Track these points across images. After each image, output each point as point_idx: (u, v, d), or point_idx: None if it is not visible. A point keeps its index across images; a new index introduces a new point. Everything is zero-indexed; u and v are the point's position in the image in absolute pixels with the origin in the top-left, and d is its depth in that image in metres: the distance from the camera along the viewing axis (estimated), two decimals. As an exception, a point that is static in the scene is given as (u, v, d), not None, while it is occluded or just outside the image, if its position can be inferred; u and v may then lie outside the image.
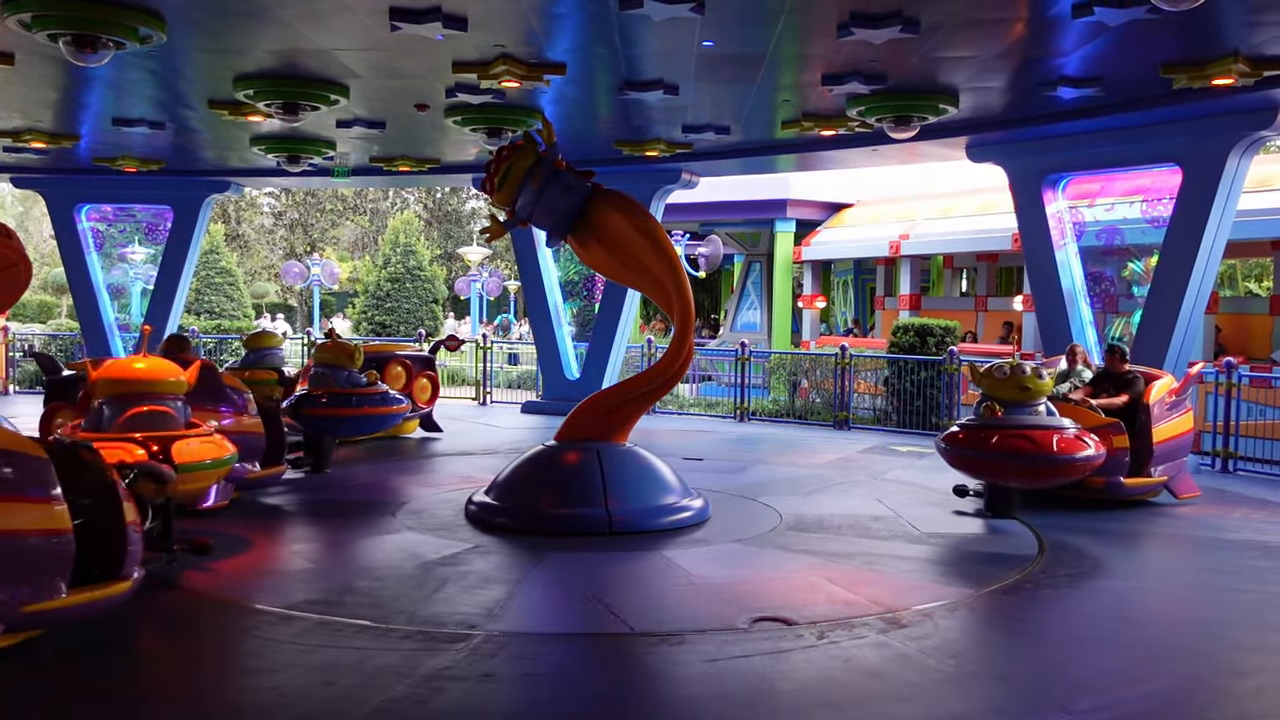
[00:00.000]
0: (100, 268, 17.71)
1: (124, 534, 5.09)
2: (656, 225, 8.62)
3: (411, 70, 9.49)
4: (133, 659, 5.20)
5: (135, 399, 6.76)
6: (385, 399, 10.81)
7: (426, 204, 49.44)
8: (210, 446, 6.91)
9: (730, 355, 17.33)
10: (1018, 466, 8.24)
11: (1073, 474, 8.29)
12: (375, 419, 10.89)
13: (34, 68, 9.47)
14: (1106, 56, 8.69)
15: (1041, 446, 8.09)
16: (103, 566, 5.04)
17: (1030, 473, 8.31)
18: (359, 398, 10.55)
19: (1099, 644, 5.53)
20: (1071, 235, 12.02)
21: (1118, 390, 9.35)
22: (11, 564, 4.61)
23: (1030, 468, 8.21)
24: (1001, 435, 8.24)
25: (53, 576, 4.75)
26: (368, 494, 9.37)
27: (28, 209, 50.03)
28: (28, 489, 4.70)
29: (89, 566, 4.96)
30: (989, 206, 19.55)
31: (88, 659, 5.10)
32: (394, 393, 11.17)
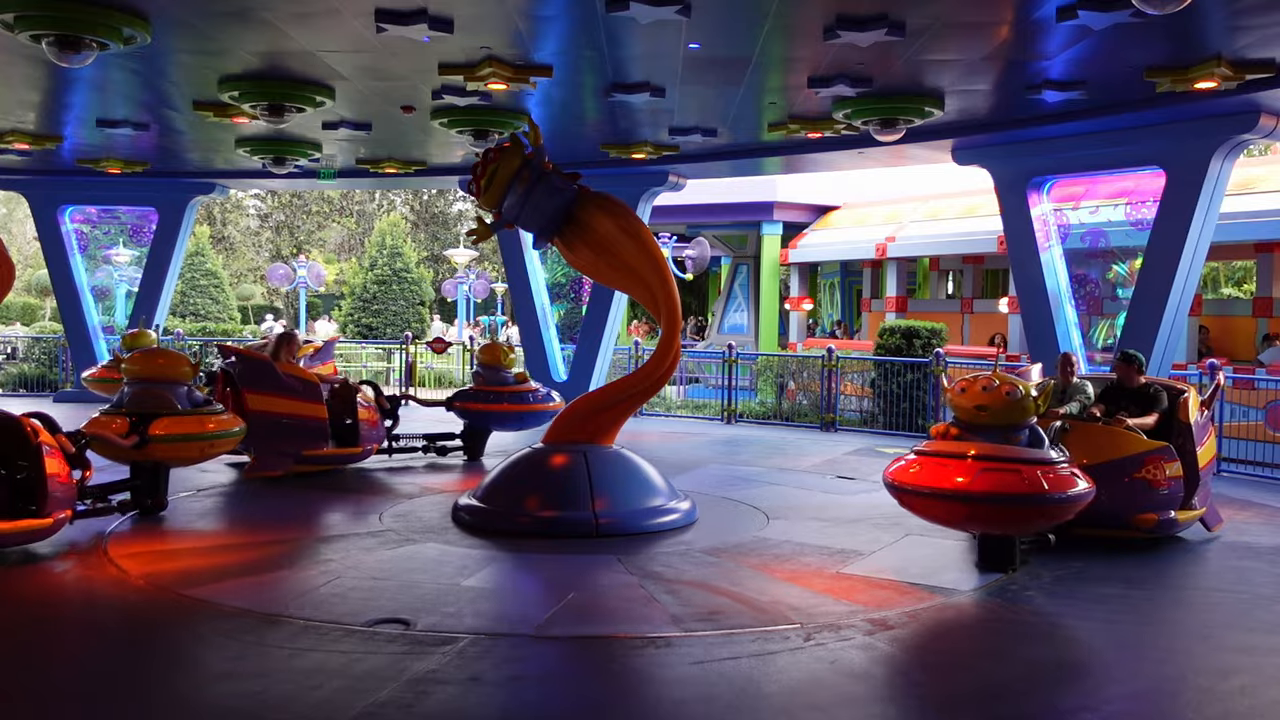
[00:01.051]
0: (84, 270, 17.62)
1: (45, 485, 6.66)
2: (643, 227, 8.62)
3: (398, 72, 9.47)
4: (116, 661, 5.17)
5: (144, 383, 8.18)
6: (537, 397, 11.50)
7: (413, 206, 49.33)
8: (193, 424, 8.13)
9: (717, 357, 17.35)
10: (999, 510, 6.37)
11: (1063, 517, 6.57)
12: (528, 415, 11.46)
13: (17, 68, 9.42)
14: (1090, 60, 8.74)
15: (1032, 484, 6.27)
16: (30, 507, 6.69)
17: (1014, 519, 6.49)
18: (513, 395, 11.36)
19: (1084, 644, 5.55)
20: (1056, 238, 12.08)
21: (1139, 408, 7.81)
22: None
23: (1014, 512, 6.38)
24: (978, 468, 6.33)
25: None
26: (353, 495, 9.34)
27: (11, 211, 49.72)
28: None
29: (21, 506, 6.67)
30: (975, 209, 19.64)
31: (71, 660, 5.07)
32: (545, 390, 11.75)
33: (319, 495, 9.33)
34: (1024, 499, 6.25)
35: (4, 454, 6.72)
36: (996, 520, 6.49)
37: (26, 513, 6.64)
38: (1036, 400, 6.59)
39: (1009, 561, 6.75)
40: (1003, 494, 6.22)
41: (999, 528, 6.63)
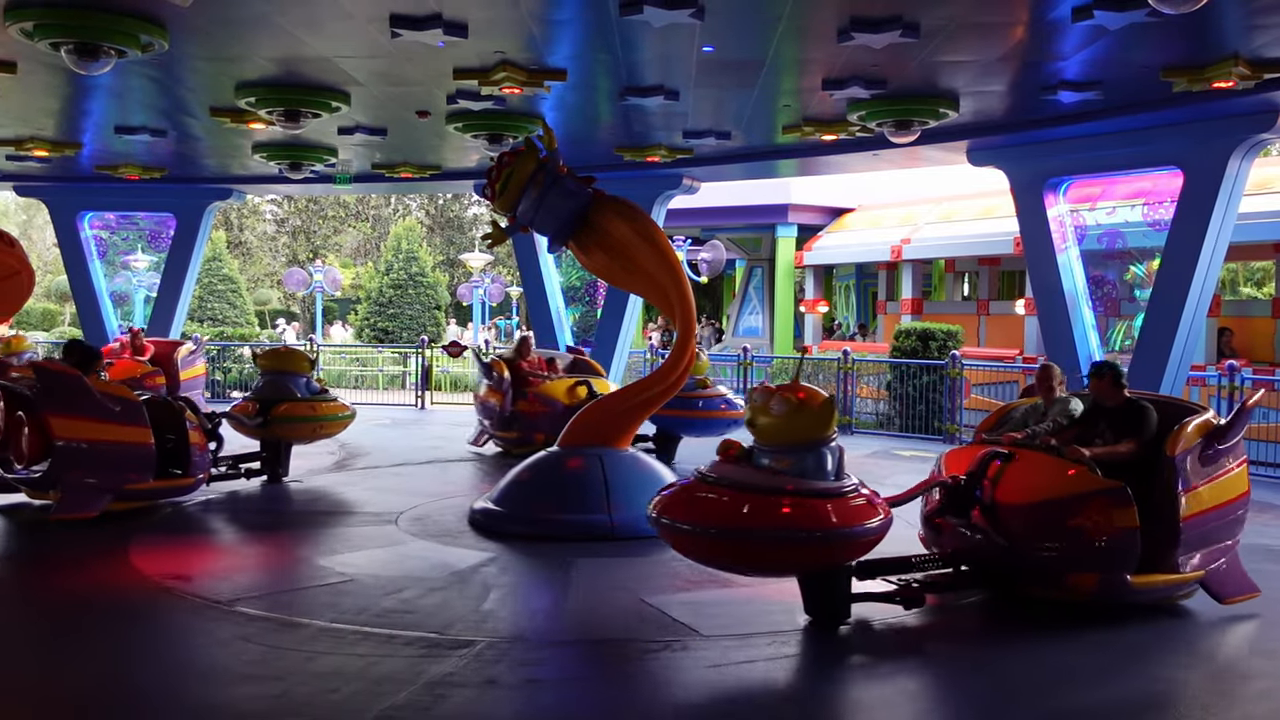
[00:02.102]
0: (103, 275, 17.74)
1: (189, 453, 8.50)
2: (658, 230, 8.63)
3: (413, 77, 9.51)
4: (136, 664, 5.20)
5: (273, 374, 10.19)
6: (727, 403, 11.49)
7: (428, 210, 49.48)
8: (306, 409, 10.08)
9: (733, 360, 17.33)
10: (760, 549, 5.31)
11: (843, 556, 5.49)
12: (719, 422, 11.31)
13: (36, 76, 9.50)
14: (1106, 60, 8.70)
15: (795, 518, 5.21)
16: (179, 469, 8.48)
17: (779, 558, 5.41)
18: (705, 400, 11.32)
19: (1096, 645, 5.52)
20: (1073, 239, 12.02)
21: (1116, 432, 6.23)
22: (122, 461, 8.00)
23: (778, 550, 5.30)
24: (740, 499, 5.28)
25: (144, 470, 8.12)
26: (370, 500, 9.37)
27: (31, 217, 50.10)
28: (132, 419, 8.06)
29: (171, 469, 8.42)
30: (990, 210, 19.56)
31: (92, 662, 5.11)
32: (733, 397, 11.75)
33: (335, 500, 9.36)
34: (782, 535, 5.21)
35: (159, 428, 8.27)
36: (762, 560, 5.44)
37: (174, 475, 8.45)
38: (817, 417, 5.48)
39: (836, 612, 5.64)
40: (757, 529, 5.19)
41: (770, 569, 5.63)
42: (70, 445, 7.77)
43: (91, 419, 7.87)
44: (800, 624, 5.66)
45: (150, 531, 7.91)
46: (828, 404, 5.55)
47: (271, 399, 9.89)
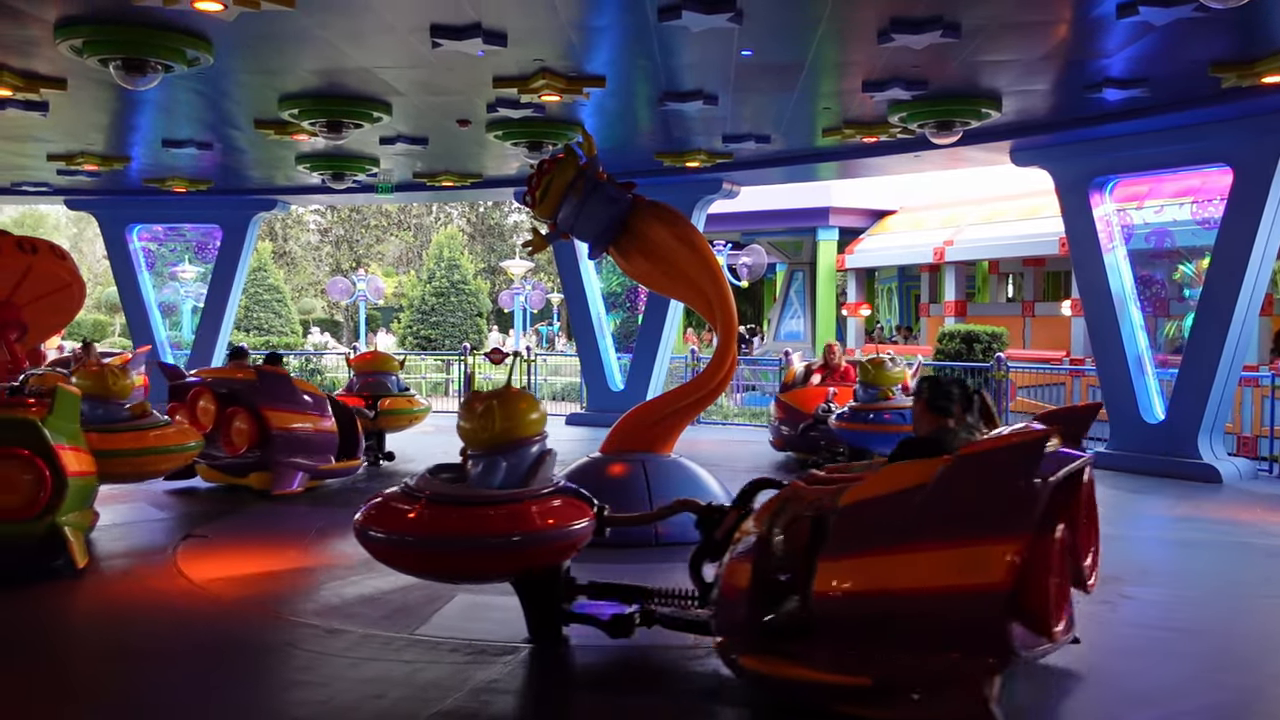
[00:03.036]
0: (152, 286, 18.05)
1: (359, 441, 10.42)
2: (698, 235, 8.61)
3: (453, 86, 9.58)
4: (181, 670, 5.26)
5: (370, 374, 12.25)
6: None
7: (470, 218, 49.83)
8: (406, 403, 12.11)
9: (774, 365, 17.25)
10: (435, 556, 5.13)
11: (516, 564, 5.19)
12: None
13: (86, 92, 9.68)
14: (1153, 56, 8.56)
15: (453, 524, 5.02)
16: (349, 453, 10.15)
17: (451, 565, 5.22)
18: (895, 414, 10.34)
19: (1152, 655, 5.42)
20: (1120, 238, 11.84)
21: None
22: (318, 446, 9.80)
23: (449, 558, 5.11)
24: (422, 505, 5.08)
25: (327, 453, 9.91)
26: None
27: (81, 230, 51.14)
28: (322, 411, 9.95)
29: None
30: (1035, 210, 19.34)
31: (136, 669, 5.18)
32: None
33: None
34: (444, 541, 5.02)
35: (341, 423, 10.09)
36: (439, 567, 5.28)
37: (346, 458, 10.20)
38: (506, 420, 5.25)
39: (549, 628, 5.47)
40: (428, 537, 5.03)
41: (445, 575, 5.56)
42: (283, 433, 9.53)
43: (297, 411, 9.69)
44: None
45: (198, 537, 8.02)
46: (514, 408, 5.33)
47: (376, 395, 11.81)
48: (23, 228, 45.04)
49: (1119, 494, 10.10)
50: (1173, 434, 11.11)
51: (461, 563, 5.13)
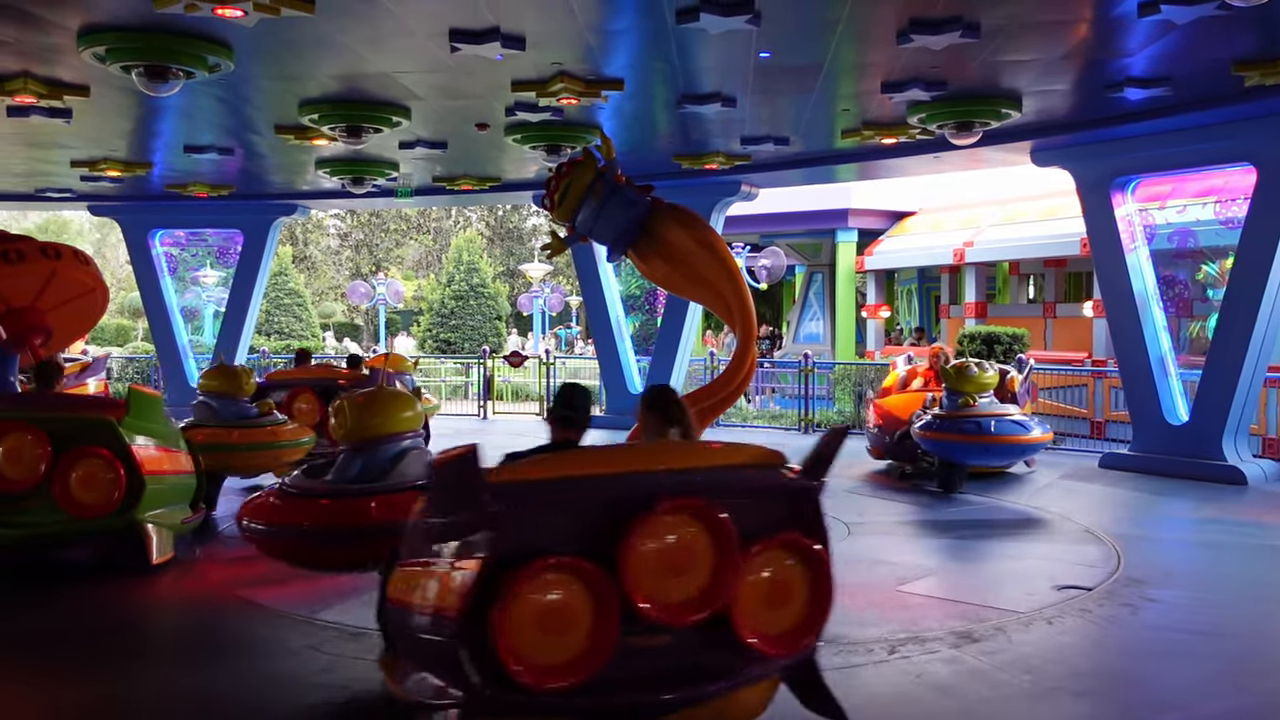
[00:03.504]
0: (174, 291, 18.18)
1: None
2: (717, 238, 8.58)
3: (471, 90, 9.61)
4: (202, 672, 5.30)
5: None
6: (1019, 425, 9.92)
7: (488, 222, 49.96)
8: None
9: (794, 367, 17.22)
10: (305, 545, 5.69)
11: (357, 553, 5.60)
12: (1011, 449, 10.03)
13: (108, 99, 9.76)
14: (1175, 55, 8.49)
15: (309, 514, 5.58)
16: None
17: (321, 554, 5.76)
18: (987, 422, 9.72)
19: (1180, 658, 5.38)
20: (1142, 238, 11.75)
21: None
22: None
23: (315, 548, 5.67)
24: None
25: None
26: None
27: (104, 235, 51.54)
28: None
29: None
30: (1055, 211, 19.21)
31: (157, 669, 5.21)
32: (1023, 419, 10.05)
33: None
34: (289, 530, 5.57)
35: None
36: (290, 554, 5.82)
37: None
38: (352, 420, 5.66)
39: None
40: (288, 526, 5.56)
41: (297, 562, 5.92)
42: None
43: None
44: (866, 636, 5.59)
45: (222, 539, 8.06)
46: (371, 408, 5.68)
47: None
48: (47, 233, 45.46)
49: (1142, 496, 10.03)
50: (1197, 436, 11.02)
51: (304, 550, 5.66)
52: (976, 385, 9.94)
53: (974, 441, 9.72)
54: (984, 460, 10.06)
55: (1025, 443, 9.98)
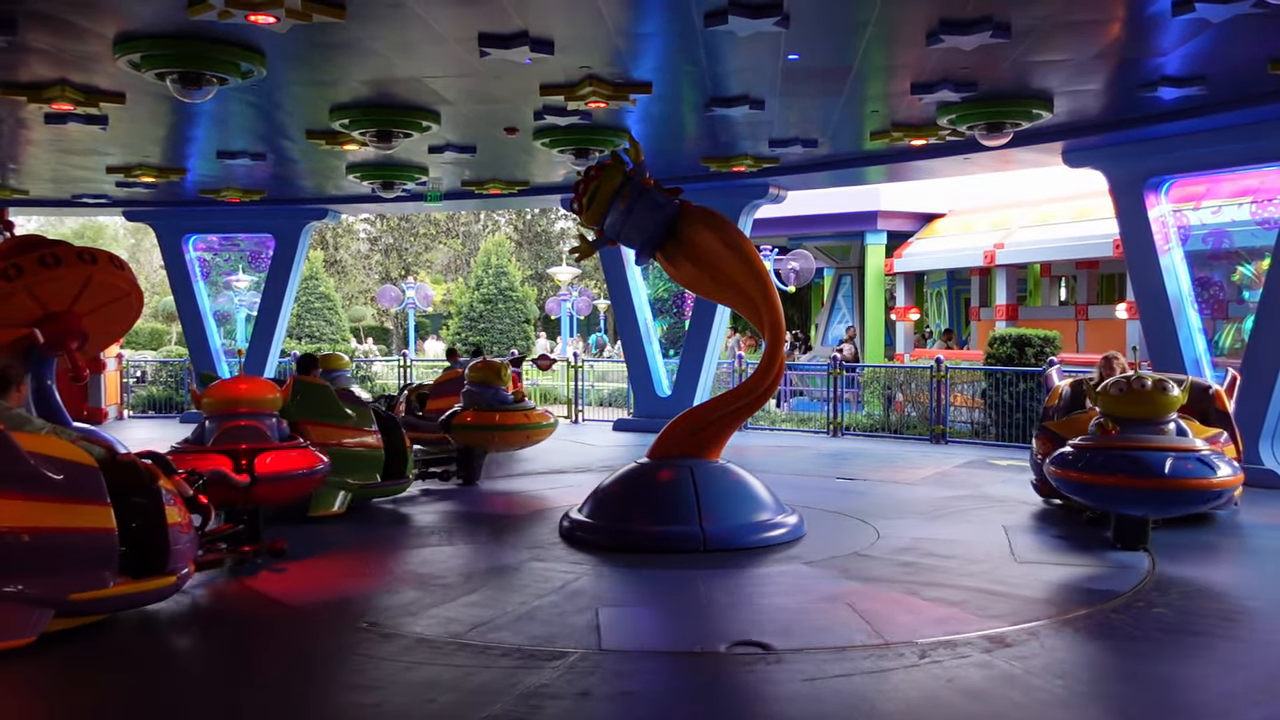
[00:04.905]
0: (207, 295, 18.38)
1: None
2: (745, 241, 8.59)
3: (500, 94, 9.65)
4: (234, 674, 5.34)
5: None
6: (1203, 464, 7.08)
7: (517, 225, 50.14)
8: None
9: (822, 370, 17.16)
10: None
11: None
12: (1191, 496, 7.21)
13: (143, 105, 9.89)
14: (1209, 54, 8.40)
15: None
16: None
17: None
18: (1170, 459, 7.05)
19: (1215, 664, 5.30)
20: (1176, 240, 11.62)
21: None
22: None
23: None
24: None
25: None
26: (460, 512, 9.49)
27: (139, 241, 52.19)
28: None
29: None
30: (1087, 212, 19.05)
31: (190, 671, 5.26)
32: (1207, 454, 7.18)
33: (420, 513, 9.51)
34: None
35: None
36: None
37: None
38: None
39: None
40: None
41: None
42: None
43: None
44: (891, 639, 5.56)
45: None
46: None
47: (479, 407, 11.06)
48: (83, 239, 46.09)
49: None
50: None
51: None
52: (1150, 408, 7.30)
53: (1128, 486, 7.13)
54: (1143, 510, 7.39)
55: (1204, 488, 7.07)
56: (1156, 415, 7.31)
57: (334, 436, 8.89)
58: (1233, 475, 7.20)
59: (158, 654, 5.66)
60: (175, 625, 6.13)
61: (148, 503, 5.73)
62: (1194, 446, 7.21)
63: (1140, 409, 7.31)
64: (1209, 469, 7.05)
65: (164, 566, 5.75)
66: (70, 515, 5.33)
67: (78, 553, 5.38)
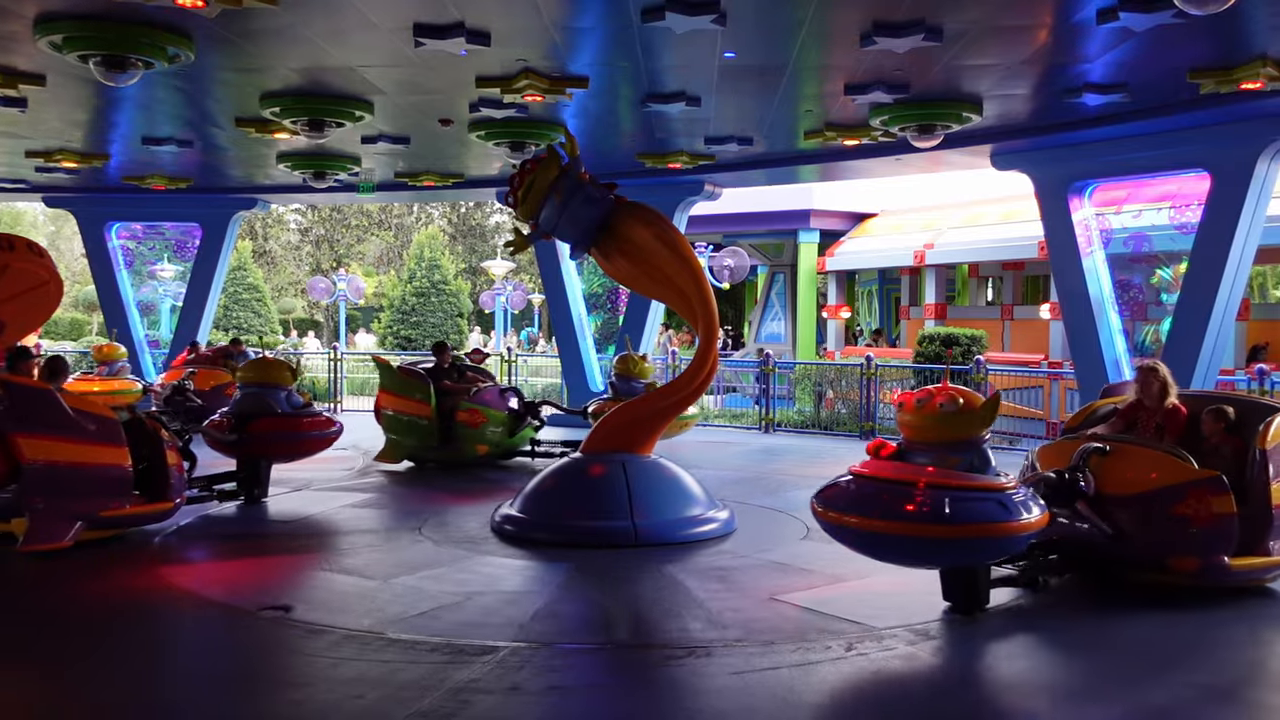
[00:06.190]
0: (130, 285, 17.93)
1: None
2: (680, 237, 8.62)
3: (435, 86, 9.56)
4: (160, 671, 5.23)
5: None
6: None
7: (451, 219, 49.71)
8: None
9: (754, 366, 17.29)
10: None
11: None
12: None
13: (65, 88, 9.61)
14: (1132, 62, 8.63)
15: None
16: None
17: None
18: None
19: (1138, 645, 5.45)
20: (1099, 242, 11.93)
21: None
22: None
23: None
24: None
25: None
26: (393, 507, 9.40)
27: (59, 228, 50.72)
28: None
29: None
30: (1014, 214, 19.45)
31: (116, 670, 5.14)
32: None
33: (358, 506, 9.40)
34: None
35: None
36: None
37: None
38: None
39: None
40: None
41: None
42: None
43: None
44: (821, 633, 5.63)
45: (177, 540, 7.97)
46: None
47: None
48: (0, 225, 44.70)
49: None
50: (1150, 437, 11.17)
51: None
52: (938, 430, 5.95)
53: (877, 531, 5.70)
54: (907, 561, 6.14)
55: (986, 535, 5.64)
56: (940, 438, 5.91)
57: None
58: (1038, 517, 5.72)
59: (74, 652, 5.51)
60: (98, 620, 5.98)
61: (153, 449, 7.75)
62: (974, 482, 5.65)
63: (928, 431, 5.95)
64: (998, 509, 5.56)
65: (165, 495, 7.73)
66: (100, 454, 7.25)
67: (104, 481, 7.31)
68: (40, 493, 7.02)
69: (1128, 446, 6.37)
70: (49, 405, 7.15)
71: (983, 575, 5.94)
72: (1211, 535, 5.98)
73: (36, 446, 6.98)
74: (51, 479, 7.03)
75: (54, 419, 7.09)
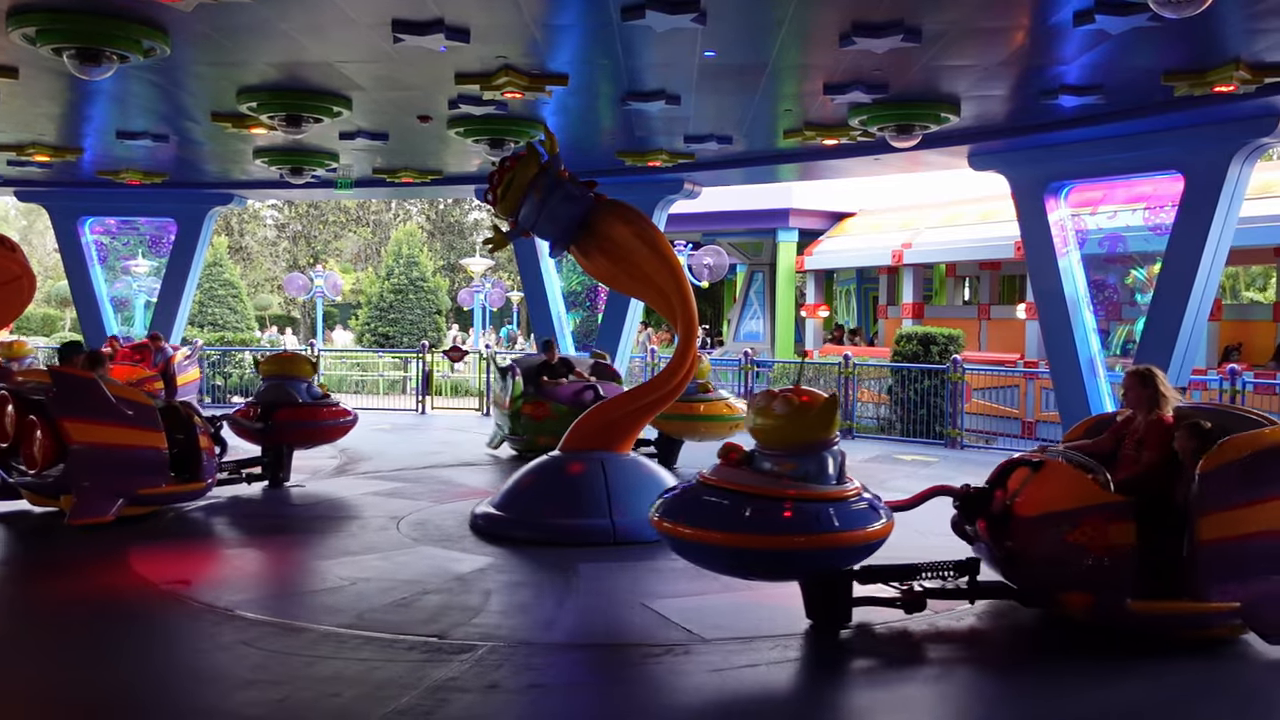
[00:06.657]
0: (104, 280, 17.74)
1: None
2: (659, 235, 8.63)
3: (414, 82, 9.52)
4: (137, 669, 5.19)
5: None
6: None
7: (429, 215, 49.50)
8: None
9: (734, 365, 17.32)
10: None
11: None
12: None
13: (38, 81, 9.50)
14: (1108, 64, 8.70)
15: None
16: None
17: None
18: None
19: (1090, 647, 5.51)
20: (1074, 243, 12.02)
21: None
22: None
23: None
24: None
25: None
26: (372, 504, 9.37)
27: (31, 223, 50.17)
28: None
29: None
30: (991, 215, 19.57)
31: (93, 668, 5.10)
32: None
33: (336, 505, 9.36)
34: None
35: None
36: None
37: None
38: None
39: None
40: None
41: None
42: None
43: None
44: (802, 628, 5.65)
45: (152, 536, 7.91)
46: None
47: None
48: (-30, 219, 44.13)
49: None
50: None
51: None
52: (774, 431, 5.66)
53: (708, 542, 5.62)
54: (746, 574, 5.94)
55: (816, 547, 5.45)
56: (781, 441, 5.59)
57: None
58: (881, 526, 5.57)
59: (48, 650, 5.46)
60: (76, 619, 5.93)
61: (187, 433, 8.50)
62: (779, 490, 5.40)
63: (769, 433, 5.65)
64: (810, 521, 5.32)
65: (198, 476, 8.46)
66: (139, 437, 7.99)
67: (143, 462, 8.03)
68: (85, 472, 7.82)
69: (1059, 463, 5.69)
70: (93, 393, 7.96)
71: (841, 592, 5.51)
72: (1106, 569, 5.22)
73: (82, 430, 7.82)
74: (95, 460, 7.84)
75: (98, 405, 7.91)
